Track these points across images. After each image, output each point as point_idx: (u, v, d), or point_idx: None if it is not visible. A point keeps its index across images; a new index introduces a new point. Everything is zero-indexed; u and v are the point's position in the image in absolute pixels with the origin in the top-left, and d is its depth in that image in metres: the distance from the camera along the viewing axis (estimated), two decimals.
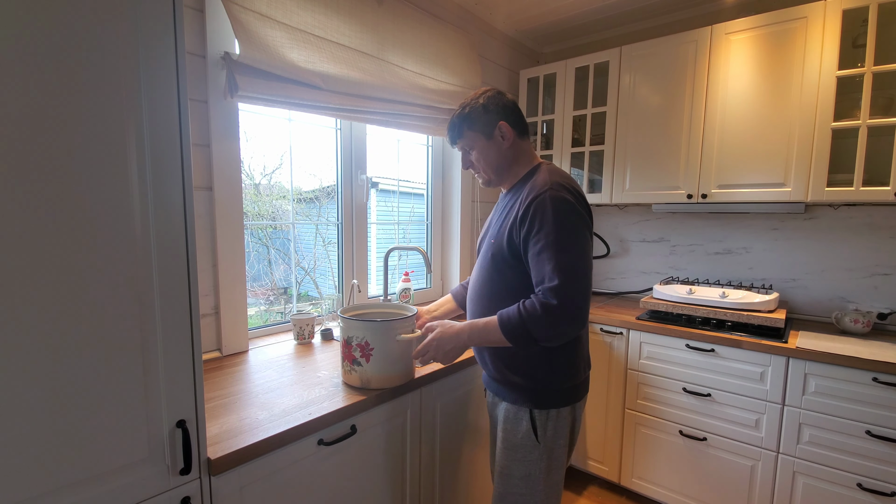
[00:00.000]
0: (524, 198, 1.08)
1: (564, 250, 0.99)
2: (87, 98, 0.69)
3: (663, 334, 1.85)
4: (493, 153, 1.16)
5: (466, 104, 1.16)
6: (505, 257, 1.11)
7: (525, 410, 1.12)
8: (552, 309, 0.97)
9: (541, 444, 1.12)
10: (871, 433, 1.46)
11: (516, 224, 1.07)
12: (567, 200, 1.03)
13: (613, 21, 2.37)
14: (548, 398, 1.12)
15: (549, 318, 0.98)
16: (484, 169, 1.19)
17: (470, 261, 2.46)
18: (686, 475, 1.85)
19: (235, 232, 1.45)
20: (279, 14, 1.43)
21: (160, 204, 0.77)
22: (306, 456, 1.03)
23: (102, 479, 0.75)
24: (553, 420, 1.12)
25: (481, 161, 1.18)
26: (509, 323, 1.03)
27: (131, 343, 0.76)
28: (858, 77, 1.63)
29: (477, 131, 1.15)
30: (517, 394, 1.13)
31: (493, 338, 1.06)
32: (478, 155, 1.17)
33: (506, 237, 1.10)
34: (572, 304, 0.97)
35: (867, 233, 1.87)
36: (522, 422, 1.13)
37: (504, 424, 1.16)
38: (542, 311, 0.98)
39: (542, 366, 1.11)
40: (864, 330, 1.73)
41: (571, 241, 1.01)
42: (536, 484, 1.13)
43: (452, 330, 1.12)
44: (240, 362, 1.39)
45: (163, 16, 0.76)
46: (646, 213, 2.45)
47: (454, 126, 1.18)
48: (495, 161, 1.17)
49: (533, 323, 0.99)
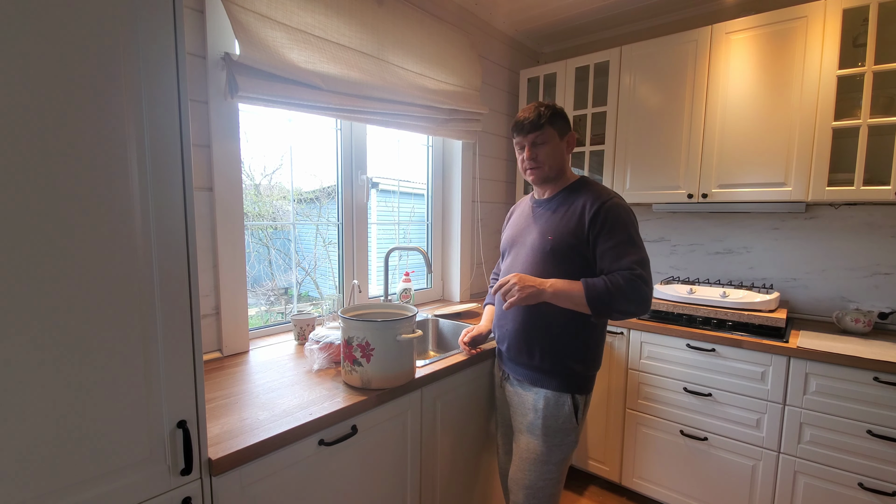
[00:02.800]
0: (590, 204, 1.24)
1: (637, 247, 1.20)
2: (88, 98, 0.69)
3: (664, 334, 1.85)
4: (559, 153, 1.32)
5: (548, 105, 1.30)
6: (564, 251, 1.25)
7: (567, 396, 1.28)
8: (636, 278, 1.15)
9: (578, 426, 1.30)
10: (872, 433, 1.46)
11: (587, 225, 1.22)
12: (629, 209, 1.25)
13: (613, 21, 2.37)
14: (585, 384, 1.30)
15: (632, 287, 1.14)
16: (550, 165, 1.31)
17: (470, 260, 2.46)
18: (687, 475, 1.85)
19: (236, 232, 1.45)
20: (279, 14, 1.43)
21: (161, 204, 0.77)
22: (307, 456, 1.03)
23: (103, 480, 0.75)
24: (585, 404, 1.31)
25: (549, 157, 1.30)
26: (594, 289, 1.17)
27: (132, 343, 0.76)
28: (859, 76, 1.63)
29: (557, 129, 1.30)
30: (560, 380, 1.28)
31: (574, 299, 1.19)
32: (549, 150, 1.30)
33: (570, 236, 1.25)
34: (649, 288, 1.16)
35: (868, 232, 1.87)
36: (564, 406, 1.28)
37: (545, 411, 1.29)
38: (629, 279, 1.15)
39: (586, 354, 1.28)
40: (864, 329, 1.72)
41: (640, 240, 1.22)
42: (565, 467, 1.31)
43: (535, 280, 1.23)
44: (240, 363, 1.39)
45: (163, 16, 0.76)
46: (646, 213, 2.44)
47: (539, 117, 1.28)
48: (560, 160, 1.32)
49: (617, 290, 1.15)
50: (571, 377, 1.28)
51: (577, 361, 1.27)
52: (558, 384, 1.28)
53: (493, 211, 2.60)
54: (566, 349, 1.27)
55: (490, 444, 1.64)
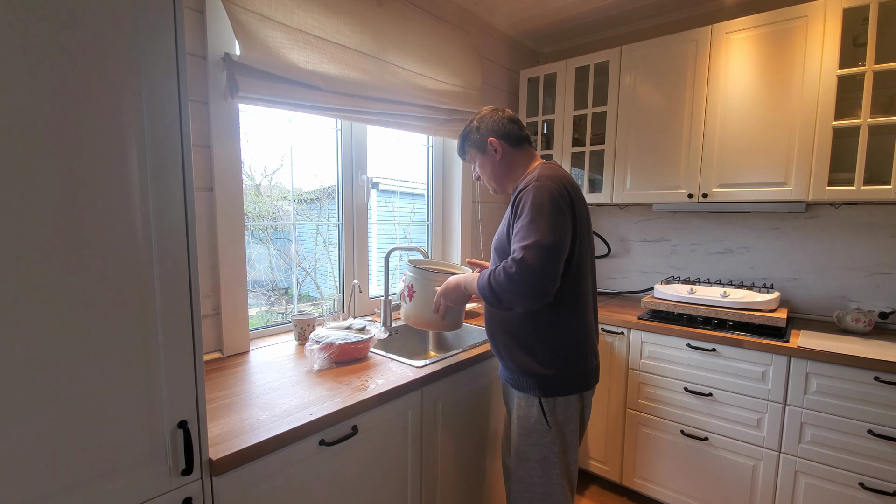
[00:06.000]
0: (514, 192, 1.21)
1: (537, 227, 1.08)
2: (88, 99, 0.69)
3: (664, 334, 1.85)
4: (489, 166, 1.33)
5: (466, 126, 1.35)
6: (505, 250, 1.22)
7: (534, 398, 1.23)
8: (509, 273, 1.08)
9: (552, 429, 1.22)
10: (873, 432, 1.46)
11: (510, 218, 1.20)
12: (546, 188, 1.12)
13: (613, 21, 2.37)
14: (554, 386, 1.21)
15: (507, 280, 1.08)
16: (486, 179, 1.36)
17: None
18: (688, 475, 1.85)
19: (236, 233, 1.45)
20: (279, 15, 1.43)
21: (161, 205, 0.77)
22: (308, 456, 1.03)
23: (104, 480, 0.75)
24: (561, 406, 1.22)
25: (483, 173, 1.36)
26: (482, 280, 1.16)
27: (133, 344, 0.76)
28: (859, 76, 1.63)
29: (474, 148, 1.34)
30: (526, 382, 1.23)
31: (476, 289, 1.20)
32: (479, 168, 1.36)
33: (504, 233, 1.23)
34: (527, 273, 1.05)
35: (868, 232, 1.87)
36: (533, 408, 1.23)
37: (517, 412, 1.27)
38: (503, 274, 1.09)
39: (550, 356, 1.20)
40: (865, 329, 1.72)
41: (542, 220, 1.09)
42: (552, 467, 1.24)
43: (453, 281, 1.32)
44: (241, 363, 1.39)
45: (163, 17, 0.76)
46: (647, 213, 2.44)
47: (459, 145, 1.39)
48: (492, 172, 1.33)
49: (496, 283, 1.11)
50: (532, 378, 1.21)
51: (537, 362, 1.20)
52: (524, 385, 1.23)
53: (493, 211, 2.60)
54: (527, 350, 1.22)
55: (491, 443, 1.64)
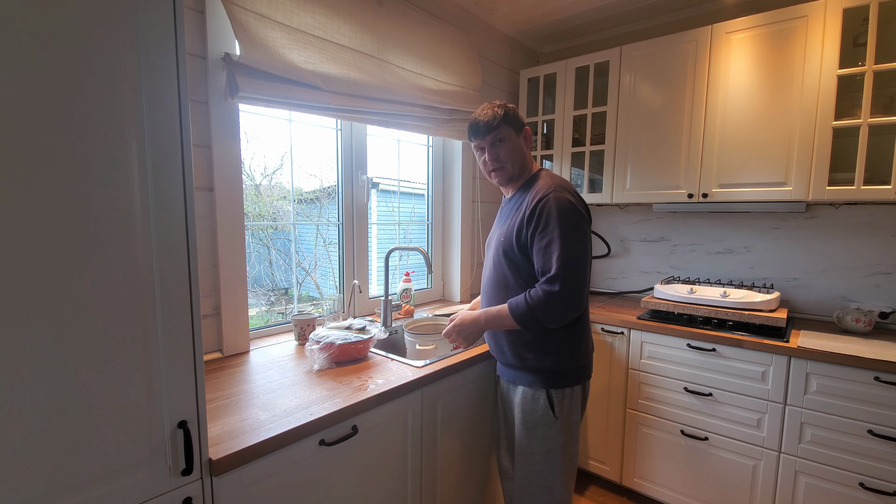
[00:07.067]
0: (530, 200, 1.23)
1: (567, 244, 1.15)
2: (88, 99, 0.69)
3: (664, 334, 1.85)
4: (519, 150, 1.32)
5: (500, 105, 1.30)
6: (514, 252, 1.25)
7: (542, 391, 1.27)
8: (553, 295, 1.14)
9: (558, 420, 1.27)
10: (873, 432, 1.46)
11: (524, 223, 1.22)
12: (569, 201, 1.19)
13: (613, 21, 2.37)
14: (560, 378, 1.27)
15: (551, 303, 1.14)
16: (512, 163, 1.31)
17: (471, 260, 2.46)
18: (688, 475, 1.85)
19: (236, 232, 1.45)
20: (279, 15, 1.43)
21: (161, 205, 0.77)
22: (308, 456, 1.03)
23: (104, 480, 0.75)
24: (568, 398, 1.28)
25: (510, 155, 1.30)
26: (517, 309, 1.19)
27: (133, 344, 0.76)
28: (859, 76, 1.63)
29: (512, 127, 1.30)
30: (534, 377, 1.27)
31: (505, 322, 1.24)
32: (508, 147, 1.30)
33: (514, 235, 1.24)
34: (571, 291, 1.14)
35: (868, 232, 1.87)
36: (540, 401, 1.27)
37: (522, 406, 1.30)
38: (544, 298, 1.15)
39: (556, 350, 1.25)
40: (865, 329, 1.72)
41: (573, 236, 1.16)
42: (556, 458, 1.28)
43: (470, 317, 1.32)
44: (241, 363, 1.39)
45: (163, 17, 0.76)
46: (646, 213, 2.44)
47: (493, 118, 1.28)
48: (520, 156, 1.32)
49: (538, 308, 1.16)
50: (542, 373, 1.27)
51: (546, 357, 1.26)
52: (531, 380, 1.28)
53: (493, 211, 2.60)
54: (535, 346, 1.26)
55: (490, 443, 1.64)
